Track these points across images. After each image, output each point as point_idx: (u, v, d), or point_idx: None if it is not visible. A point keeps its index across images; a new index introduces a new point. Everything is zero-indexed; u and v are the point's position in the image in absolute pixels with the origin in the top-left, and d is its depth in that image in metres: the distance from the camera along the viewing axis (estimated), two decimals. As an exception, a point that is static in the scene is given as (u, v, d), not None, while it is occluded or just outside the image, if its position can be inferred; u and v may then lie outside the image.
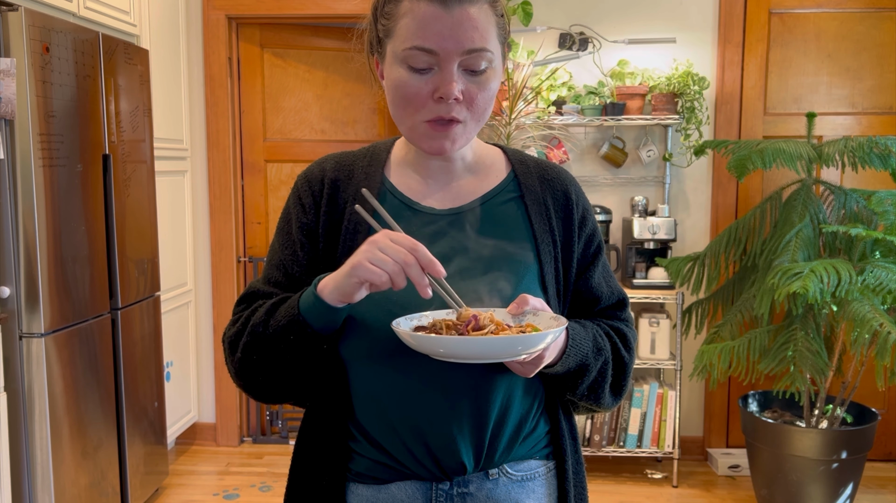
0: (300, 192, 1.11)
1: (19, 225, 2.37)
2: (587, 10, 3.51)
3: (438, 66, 0.98)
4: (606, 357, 1.09)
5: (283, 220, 1.13)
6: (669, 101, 3.35)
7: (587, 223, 1.15)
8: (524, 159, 1.16)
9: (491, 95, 1.02)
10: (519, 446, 1.08)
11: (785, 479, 2.88)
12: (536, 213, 1.10)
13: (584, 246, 1.14)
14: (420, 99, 0.99)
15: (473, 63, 0.98)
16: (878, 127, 3.54)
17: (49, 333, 2.44)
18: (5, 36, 2.29)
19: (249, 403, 3.90)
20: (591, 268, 1.14)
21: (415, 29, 0.97)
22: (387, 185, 1.11)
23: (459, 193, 1.11)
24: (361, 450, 1.07)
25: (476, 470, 1.05)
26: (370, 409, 1.05)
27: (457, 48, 0.97)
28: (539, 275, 1.07)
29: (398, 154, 1.14)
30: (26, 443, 2.42)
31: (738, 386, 3.60)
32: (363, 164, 1.13)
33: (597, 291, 1.14)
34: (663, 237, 3.33)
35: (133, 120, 2.94)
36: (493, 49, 1.00)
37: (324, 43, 3.88)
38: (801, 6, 3.52)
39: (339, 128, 3.96)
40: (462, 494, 1.05)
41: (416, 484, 1.05)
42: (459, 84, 0.98)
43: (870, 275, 2.61)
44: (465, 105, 1.00)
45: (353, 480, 1.08)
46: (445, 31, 0.96)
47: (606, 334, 1.12)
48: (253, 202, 3.88)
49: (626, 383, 1.14)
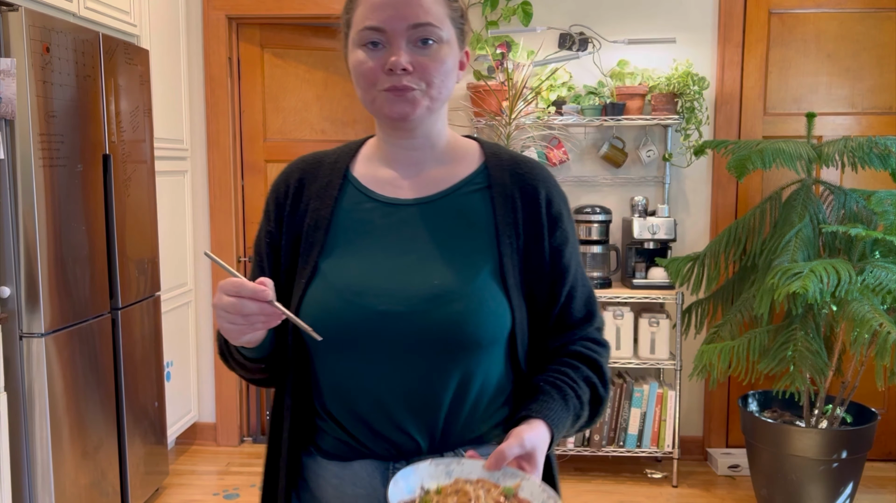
0: (268, 201, 1.19)
1: (19, 225, 2.37)
2: (587, 11, 3.51)
3: (388, 43, 1.04)
4: (585, 411, 1.10)
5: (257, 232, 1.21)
6: (669, 102, 3.35)
7: (559, 225, 1.12)
8: (498, 152, 1.16)
9: (445, 69, 1.06)
10: (476, 429, 1.09)
11: (785, 479, 2.88)
12: (501, 204, 1.10)
13: (554, 249, 1.11)
14: (374, 73, 1.05)
15: (421, 35, 1.04)
16: (878, 127, 3.54)
17: (49, 333, 2.44)
18: (5, 36, 2.29)
19: (249, 403, 3.91)
20: (563, 273, 1.12)
21: (366, 13, 1.04)
22: (349, 178, 1.15)
23: (427, 183, 1.13)
24: (327, 429, 1.11)
25: (430, 451, 1.07)
26: (332, 391, 1.09)
27: (402, 24, 1.03)
28: (498, 266, 1.07)
29: (369, 149, 1.19)
30: (26, 443, 2.42)
31: (737, 386, 3.60)
32: (331, 160, 1.18)
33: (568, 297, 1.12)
34: (663, 237, 3.33)
35: (133, 120, 2.94)
36: (441, 25, 1.05)
37: (324, 43, 3.89)
38: (801, 6, 3.52)
39: (339, 128, 3.96)
40: None
41: (375, 463, 1.08)
42: (407, 56, 1.03)
43: (869, 275, 2.61)
44: (416, 75, 1.04)
45: (322, 456, 1.12)
46: (390, 10, 1.03)
47: (586, 380, 1.10)
48: (253, 202, 3.88)
49: (601, 414, 1.15)
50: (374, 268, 1.07)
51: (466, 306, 1.03)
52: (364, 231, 1.10)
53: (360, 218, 1.11)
